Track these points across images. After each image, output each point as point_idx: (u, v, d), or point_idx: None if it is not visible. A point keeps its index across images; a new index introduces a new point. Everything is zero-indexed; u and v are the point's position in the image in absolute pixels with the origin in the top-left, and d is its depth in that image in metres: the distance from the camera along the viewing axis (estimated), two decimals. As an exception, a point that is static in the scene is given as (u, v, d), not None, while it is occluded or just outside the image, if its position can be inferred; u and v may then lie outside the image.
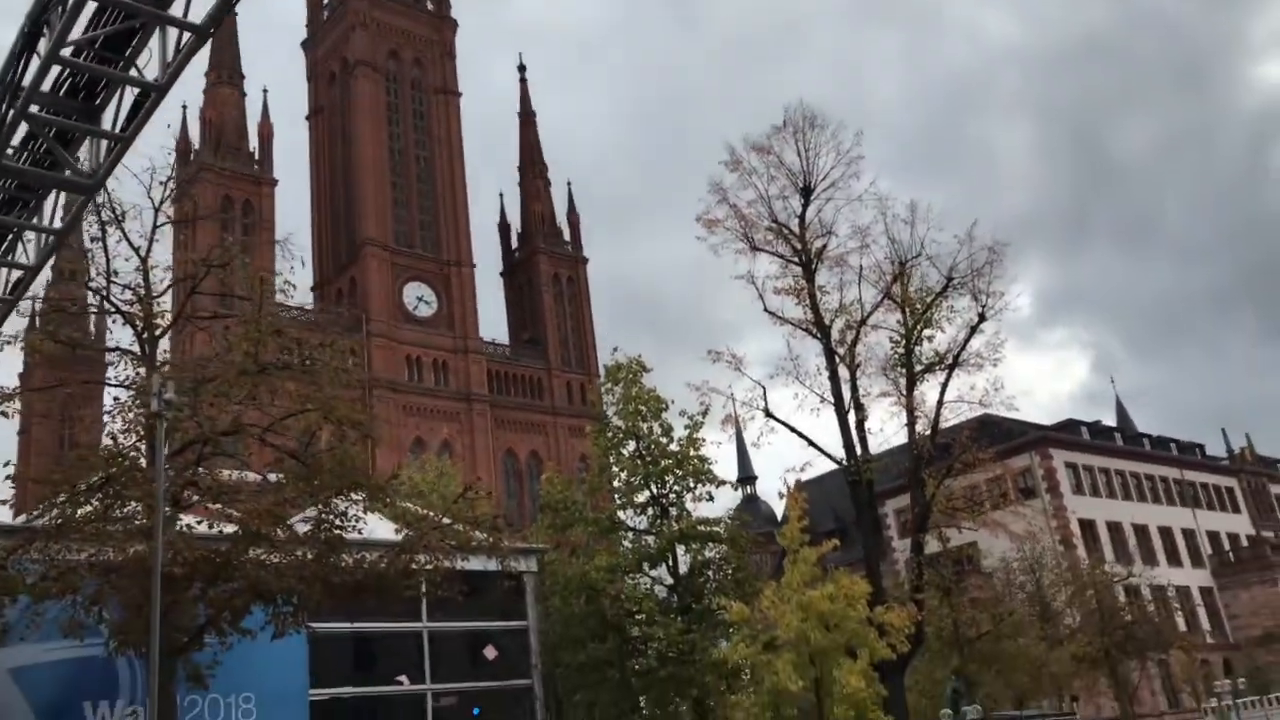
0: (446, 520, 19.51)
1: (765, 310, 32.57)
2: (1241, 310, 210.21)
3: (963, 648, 36.59)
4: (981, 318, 31.63)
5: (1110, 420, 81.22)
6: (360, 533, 18.53)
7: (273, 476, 17.99)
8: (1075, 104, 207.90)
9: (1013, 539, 39.65)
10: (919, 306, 32.00)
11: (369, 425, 19.48)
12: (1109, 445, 70.62)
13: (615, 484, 35.23)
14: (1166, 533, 68.90)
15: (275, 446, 18.29)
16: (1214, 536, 72.35)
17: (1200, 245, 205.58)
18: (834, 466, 32.46)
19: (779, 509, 44.60)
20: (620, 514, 35.18)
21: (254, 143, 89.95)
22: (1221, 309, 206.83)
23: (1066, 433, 68.91)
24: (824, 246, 32.89)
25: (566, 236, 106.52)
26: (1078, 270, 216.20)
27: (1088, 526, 62.75)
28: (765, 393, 31.94)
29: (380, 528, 20.64)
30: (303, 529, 17.80)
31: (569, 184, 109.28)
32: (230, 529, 16.52)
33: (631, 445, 34.52)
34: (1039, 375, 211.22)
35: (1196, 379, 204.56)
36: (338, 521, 17.58)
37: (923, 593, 30.91)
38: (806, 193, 32.91)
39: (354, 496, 18.08)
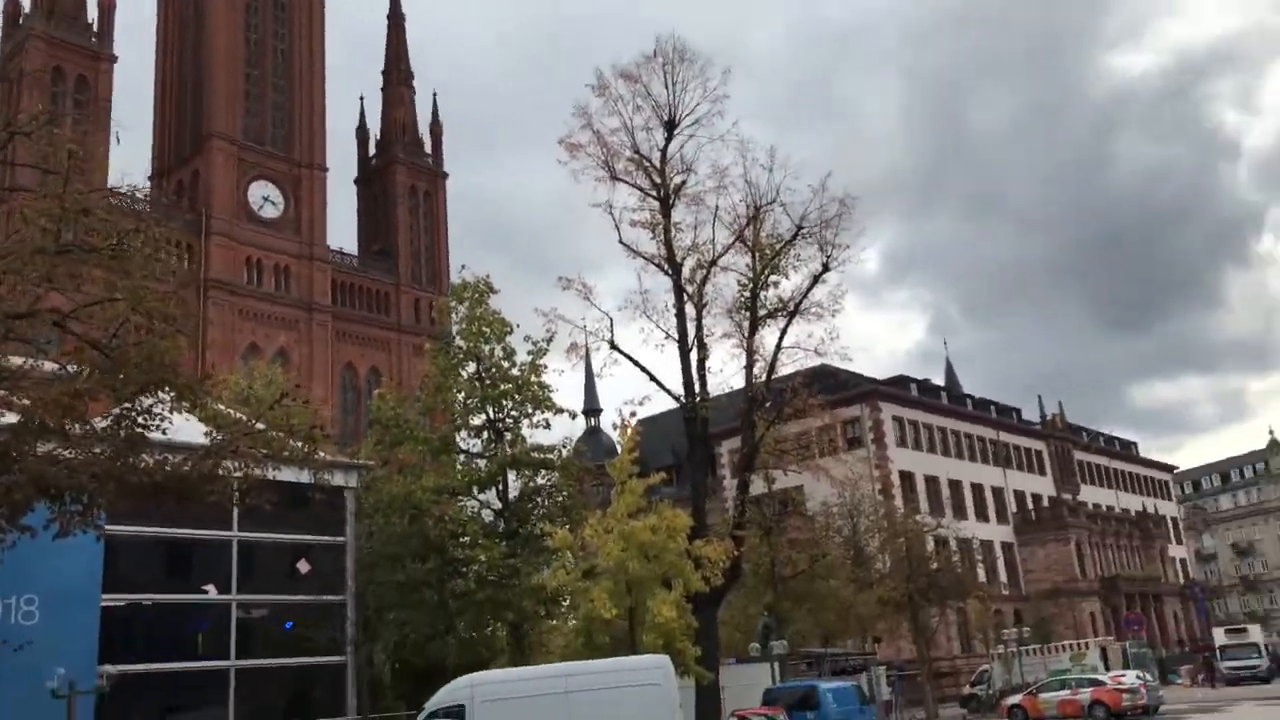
0: (260, 426, 18.61)
1: (621, 242, 32.36)
2: (1071, 285, 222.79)
3: (777, 585, 37.87)
4: (825, 268, 32.16)
5: (939, 379, 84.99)
6: (165, 433, 17.50)
7: (72, 367, 16.73)
8: (942, 70, 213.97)
9: (834, 484, 41.08)
10: (768, 252, 32.31)
11: (182, 320, 18.25)
12: (935, 403, 73.81)
13: (454, 406, 34.65)
14: (978, 489, 72.85)
15: (77, 335, 17.00)
16: (1020, 495, 76.96)
17: (1040, 219, 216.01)
18: (675, 405, 32.72)
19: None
20: (457, 436, 34.71)
21: (93, 13, 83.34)
22: (1053, 282, 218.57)
23: (897, 388, 71.53)
24: (683, 183, 32.78)
25: (428, 149, 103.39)
26: (926, 233, 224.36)
27: (907, 478, 65.62)
28: (612, 324, 31.84)
29: (190, 430, 19.62)
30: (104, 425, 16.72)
31: (435, 95, 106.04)
32: (12, 418, 15.34)
33: (472, 367, 33.98)
34: (880, 332, 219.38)
35: (1023, 346, 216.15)
36: (140, 419, 16.52)
37: (744, 530, 31.65)
38: (670, 127, 32.65)
39: (161, 395, 17.01)
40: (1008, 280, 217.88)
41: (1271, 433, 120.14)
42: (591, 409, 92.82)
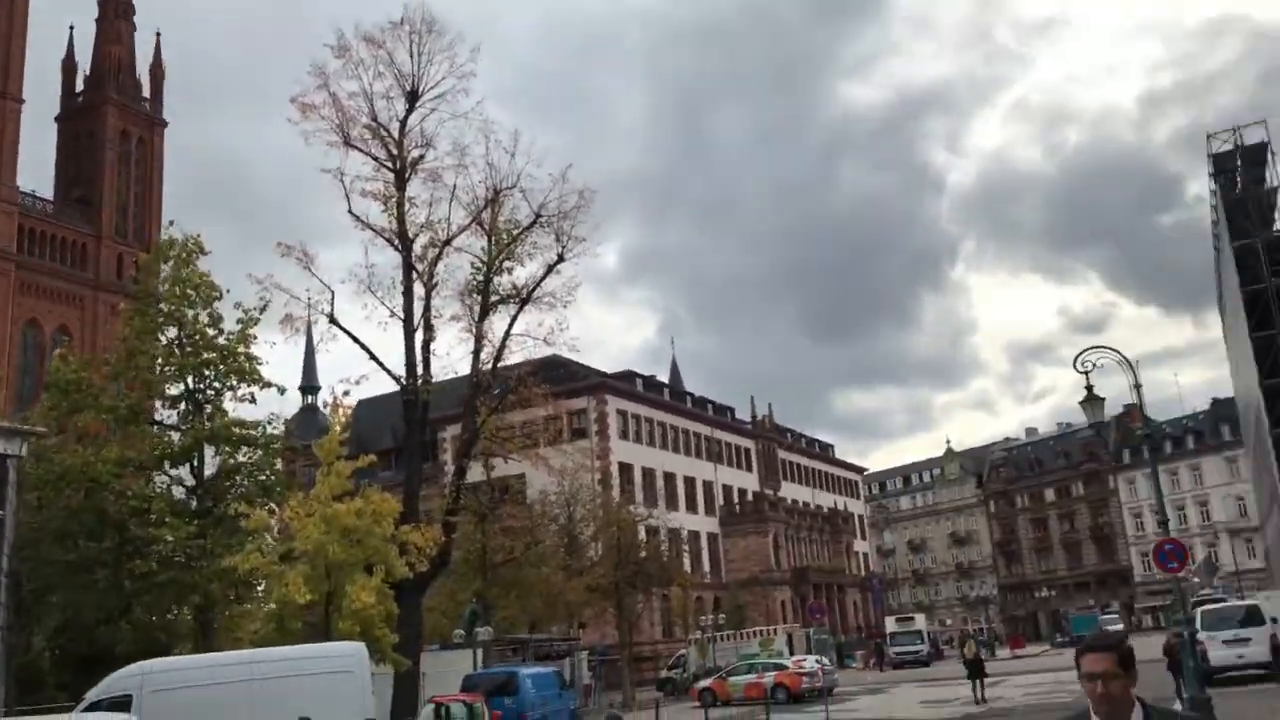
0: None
1: (350, 212, 31.12)
2: (789, 298, 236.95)
3: (488, 572, 37.82)
4: (560, 258, 32.32)
5: (665, 377, 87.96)
6: None
7: None
8: (686, 79, 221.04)
9: (553, 474, 41.53)
10: (505, 237, 32.11)
11: None
12: (658, 399, 76.33)
13: (148, 372, 32.05)
14: (690, 482, 76.10)
15: None
16: (728, 489, 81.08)
17: (765, 234, 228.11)
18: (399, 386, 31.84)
19: (338, 422, 43.48)
20: (152, 405, 32.18)
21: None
22: (773, 294, 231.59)
23: (624, 382, 73.40)
24: (421, 157, 32.00)
25: (146, 92, 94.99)
26: (663, 236, 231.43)
27: (626, 469, 67.50)
28: (333, 297, 30.58)
29: None
30: None
31: (158, 34, 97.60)
32: None
33: (173, 331, 31.66)
34: (614, 328, 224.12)
35: (743, 351, 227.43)
36: None
37: (456, 516, 31.36)
38: (413, 98, 31.75)
39: None
40: (733, 288, 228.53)
41: (949, 442, 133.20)
42: (310, 386, 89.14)
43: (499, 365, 32.63)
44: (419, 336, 31.48)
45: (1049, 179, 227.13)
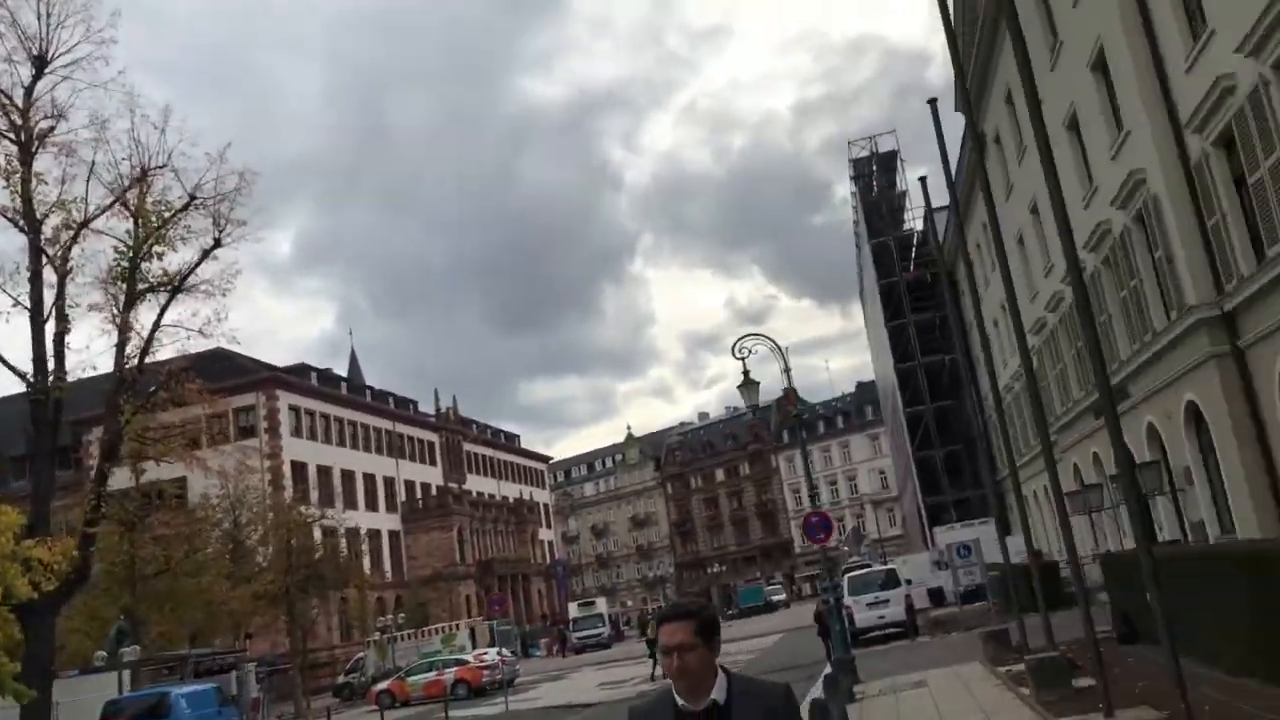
0: None
1: (-33, 185, 27.03)
2: (474, 288, 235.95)
3: (136, 585, 34.56)
4: (218, 243, 29.83)
5: (344, 370, 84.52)
6: None
7: None
8: (368, 62, 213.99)
9: (212, 475, 38.60)
10: (154, 220, 29.19)
11: None
12: (334, 393, 73.17)
13: None
14: (371, 479, 73.68)
15: None
16: (410, 485, 79.29)
17: (451, 223, 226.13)
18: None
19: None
20: None
21: None
22: (458, 284, 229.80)
23: (296, 376, 69.78)
24: (51, 129, 28.36)
25: None
26: (342, 223, 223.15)
27: (300, 468, 64.23)
28: (-62, 284, 26.49)
29: None
30: None
31: None
32: None
33: None
34: (288, 319, 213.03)
35: (427, 342, 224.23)
36: None
37: (97, 526, 28.31)
38: (41, 63, 28.06)
39: None
40: (415, 279, 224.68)
41: (629, 429, 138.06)
42: (-81, 386, 77.93)
43: (150, 360, 29.70)
44: (50, 328, 28.00)
45: (717, 180, 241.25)
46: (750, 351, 19.36)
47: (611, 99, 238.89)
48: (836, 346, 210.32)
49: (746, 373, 19.39)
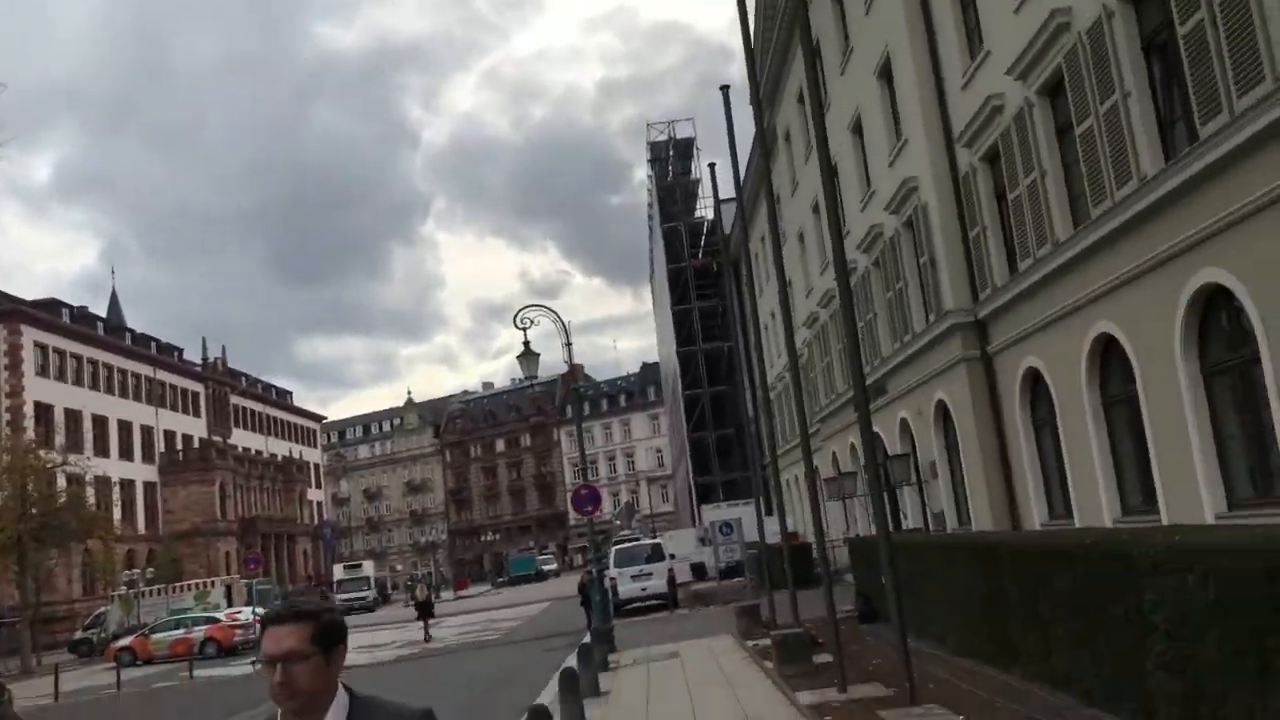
0: None
1: None
2: (255, 238, 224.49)
3: None
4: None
5: (103, 310, 78.47)
6: None
7: None
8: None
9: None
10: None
11: None
12: (89, 333, 67.95)
13: None
14: (126, 427, 69.18)
15: None
16: (170, 435, 74.94)
17: (233, 170, 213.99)
18: None
19: None
20: None
21: None
22: (237, 234, 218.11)
23: (45, 311, 64.37)
24: None
25: None
26: (112, 157, 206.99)
27: (45, 410, 59.50)
28: None
29: None
30: None
31: None
32: None
33: None
34: (44, 251, 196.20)
35: (200, 291, 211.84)
36: None
37: None
38: None
39: None
40: (193, 223, 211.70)
41: (409, 393, 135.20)
42: None
43: None
44: None
45: (516, 148, 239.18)
46: (532, 322, 19.32)
47: (413, 55, 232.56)
48: (626, 327, 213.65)
49: (527, 343, 19.33)
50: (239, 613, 36.64)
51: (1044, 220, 14.41)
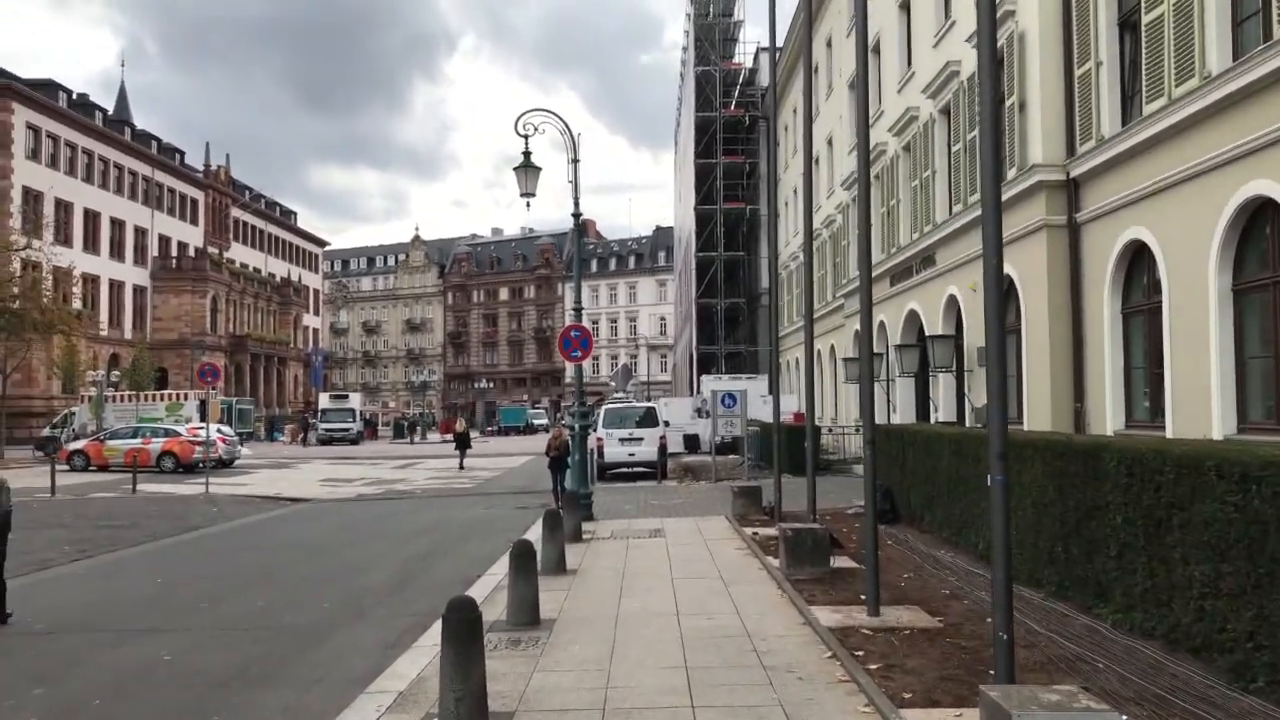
0: None
1: None
2: (275, 55, 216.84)
3: None
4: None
5: (110, 106, 74.57)
6: None
7: None
8: None
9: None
10: None
11: None
12: (87, 122, 64.43)
13: None
14: (119, 225, 66.69)
15: None
16: (165, 240, 72.34)
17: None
18: None
19: None
20: None
21: None
22: (258, 45, 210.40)
23: (42, 92, 60.78)
24: None
25: None
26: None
27: (34, 197, 56.69)
28: None
29: None
30: None
31: None
32: None
33: None
34: (66, 42, 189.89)
35: (217, 105, 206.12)
36: None
37: None
38: None
39: None
40: (213, 30, 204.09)
41: (417, 229, 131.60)
42: None
43: None
44: None
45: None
46: (536, 129, 16.23)
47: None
48: (642, 190, 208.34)
49: (528, 154, 16.30)
50: (200, 428, 34.44)
51: (1192, 48, 11.23)
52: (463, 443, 35.97)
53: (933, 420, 19.88)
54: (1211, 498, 6.32)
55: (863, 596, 8.68)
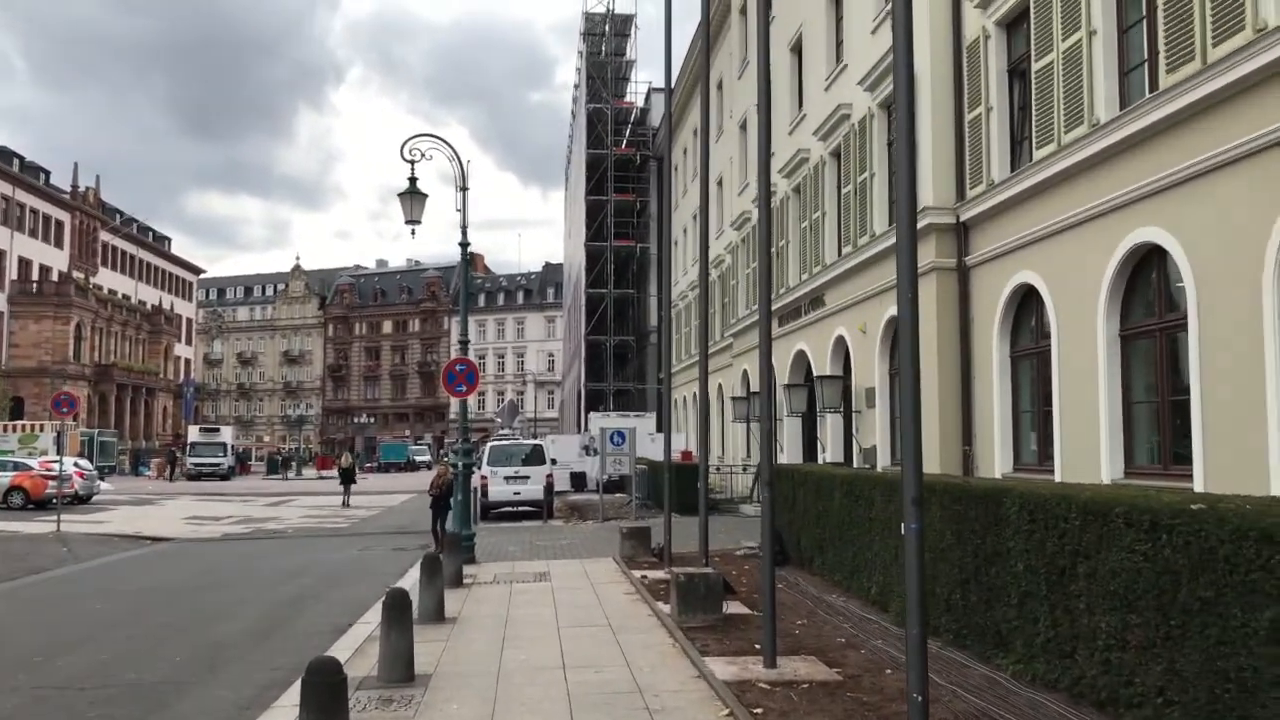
0: None
1: None
2: (154, 78, 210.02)
3: None
4: None
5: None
6: None
7: None
8: None
9: None
10: None
11: None
12: (-62, 135, 60.79)
13: None
14: (-26, 247, 62.80)
15: None
16: (26, 263, 68.50)
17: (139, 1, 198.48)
18: None
19: None
20: None
21: None
22: (138, 69, 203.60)
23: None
24: None
25: None
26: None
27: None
28: None
29: None
30: None
31: None
32: None
33: None
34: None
35: (91, 127, 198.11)
36: None
37: None
38: None
39: None
40: (91, 50, 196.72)
41: (298, 259, 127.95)
42: None
43: None
44: None
45: (440, 28, 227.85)
46: (423, 155, 15.61)
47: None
48: (533, 227, 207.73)
49: (414, 180, 15.67)
50: (53, 462, 32.32)
51: (1081, 96, 11.39)
52: (348, 478, 35.27)
53: (820, 460, 19.80)
54: (1120, 546, 6.13)
55: (758, 646, 8.28)
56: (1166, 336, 10.24)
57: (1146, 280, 10.61)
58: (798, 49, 23.05)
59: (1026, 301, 13.09)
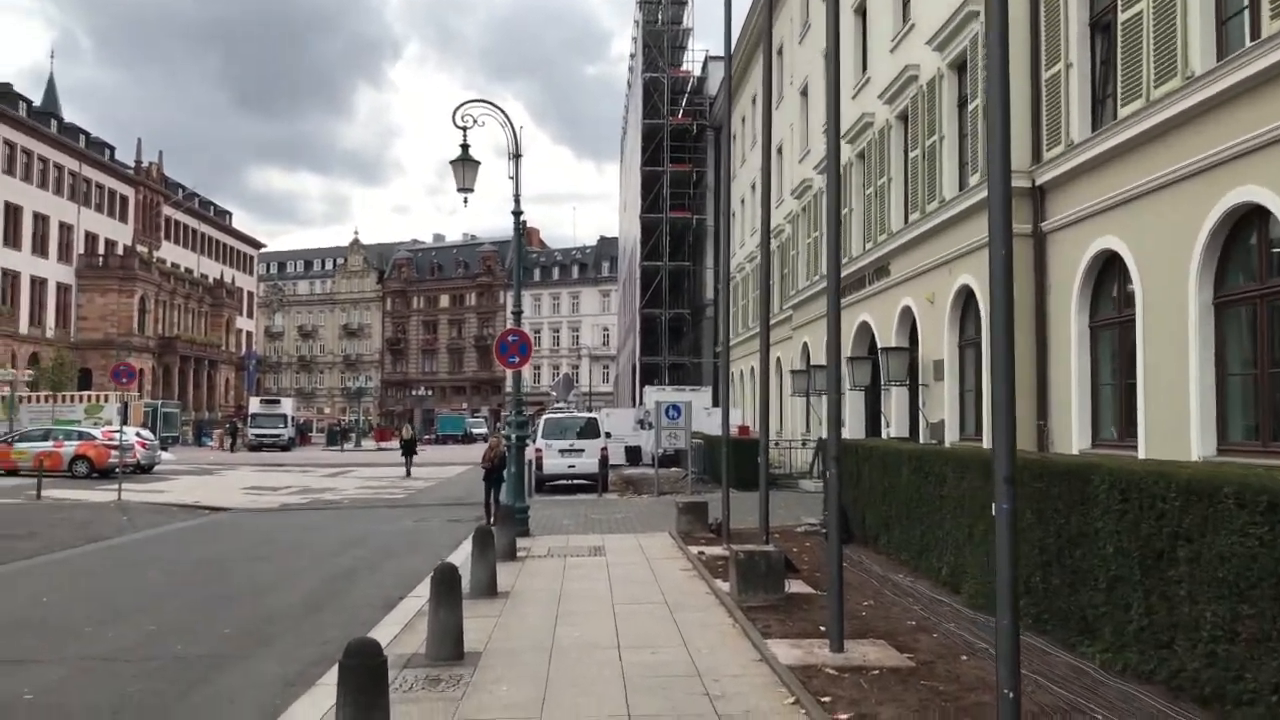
0: None
1: None
2: (215, 54, 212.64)
3: None
4: None
5: (38, 99, 71.77)
6: None
7: None
8: None
9: None
10: None
11: None
12: (8, 112, 61.81)
13: None
14: (42, 221, 63.93)
15: None
16: (92, 238, 69.73)
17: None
18: None
19: None
20: None
21: None
22: (198, 45, 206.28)
23: (-44, 81, 58.24)
24: None
25: None
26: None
27: (-54, 188, 54.22)
28: None
29: None
30: None
31: None
32: None
33: None
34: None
35: (154, 104, 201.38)
36: None
37: None
38: None
39: None
40: (152, 27, 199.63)
41: (356, 233, 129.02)
42: None
43: None
44: None
45: (496, 2, 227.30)
46: (475, 121, 15.26)
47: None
48: (587, 201, 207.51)
49: (465, 146, 15.33)
50: (116, 431, 32.74)
51: (1174, 47, 10.64)
52: (409, 449, 35.89)
53: (884, 435, 19.22)
54: (1230, 529, 5.58)
55: (823, 628, 7.85)
56: (1268, 304, 9.54)
57: (1245, 244, 9.90)
58: (862, 10, 22.27)
59: (1108, 268, 12.39)
